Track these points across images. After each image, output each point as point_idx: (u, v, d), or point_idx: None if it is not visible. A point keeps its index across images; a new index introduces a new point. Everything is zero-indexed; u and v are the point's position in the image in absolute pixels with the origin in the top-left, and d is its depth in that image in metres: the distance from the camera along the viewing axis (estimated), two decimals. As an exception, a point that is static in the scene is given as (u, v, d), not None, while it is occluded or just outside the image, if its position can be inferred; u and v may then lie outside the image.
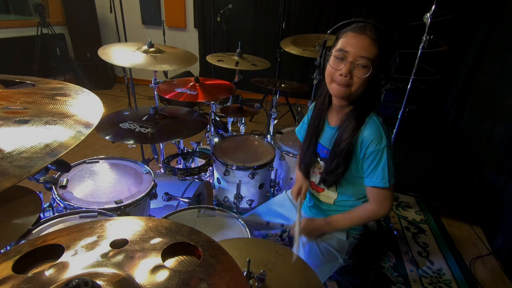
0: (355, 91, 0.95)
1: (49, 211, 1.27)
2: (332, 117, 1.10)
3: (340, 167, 1.04)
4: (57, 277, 0.49)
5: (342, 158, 1.03)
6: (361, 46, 0.91)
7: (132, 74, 2.48)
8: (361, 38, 0.91)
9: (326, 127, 1.12)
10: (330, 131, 1.10)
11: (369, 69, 0.91)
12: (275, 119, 2.48)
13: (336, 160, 1.04)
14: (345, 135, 1.01)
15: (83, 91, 0.71)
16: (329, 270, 1.17)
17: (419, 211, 2.35)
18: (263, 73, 2.35)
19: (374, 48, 0.90)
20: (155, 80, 1.97)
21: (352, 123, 1.00)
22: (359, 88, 0.94)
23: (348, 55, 0.92)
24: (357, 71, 0.92)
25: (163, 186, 1.57)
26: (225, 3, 3.61)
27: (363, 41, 0.90)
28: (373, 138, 0.97)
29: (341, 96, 0.98)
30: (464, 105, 2.86)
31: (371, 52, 0.90)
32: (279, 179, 2.06)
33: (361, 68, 0.91)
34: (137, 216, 0.87)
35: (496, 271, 1.85)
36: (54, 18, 4.26)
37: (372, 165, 0.99)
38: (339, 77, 0.94)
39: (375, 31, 0.91)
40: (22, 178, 0.42)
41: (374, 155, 0.98)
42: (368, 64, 0.90)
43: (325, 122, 1.12)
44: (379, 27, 0.91)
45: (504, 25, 2.47)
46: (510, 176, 1.95)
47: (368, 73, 0.91)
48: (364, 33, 0.91)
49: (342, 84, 0.95)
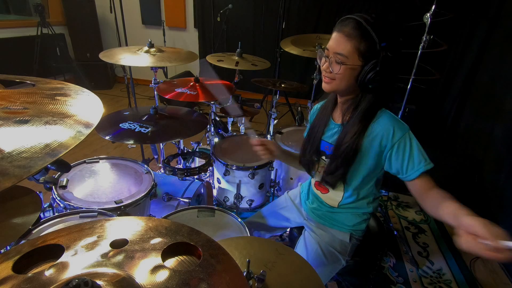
0: (338, 85, 0.98)
1: (49, 211, 1.27)
2: (337, 114, 1.11)
3: (340, 169, 1.04)
4: (57, 277, 0.49)
5: (341, 161, 1.02)
6: (336, 42, 0.94)
7: (132, 74, 2.48)
8: (338, 35, 0.94)
9: (331, 124, 1.11)
10: (333, 128, 1.10)
11: (344, 64, 0.93)
12: (275, 119, 2.48)
13: (335, 162, 1.04)
14: (347, 137, 1.00)
15: (83, 91, 0.71)
16: (331, 272, 1.16)
17: (419, 211, 2.35)
18: (263, 73, 2.35)
19: (348, 44, 0.91)
20: (155, 80, 1.97)
21: (356, 125, 0.99)
22: (341, 83, 0.96)
23: (328, 53, 0.96)
24: (333, 66, 0.95)
25: (163, 186, 1.57)
26: (225, 3, 3.61)
27: (338, 37, 0.93)
28: (393, 126, 0.96)
29: (326, 90, 1.02)
30: (464, 105, 2.86)
31: (345, 47, 0.92)
32: (279, 179, 2.06)
33: (336, 64, 0.94)
34: (137, 216, 0.87)
35: (496, 271, 1.85)
36: (54, 18, 4.26)
37: (407, 154, 0.95)
38: (324, 73, 0.99)
39: (353, 27, 0.91)
40: (22, 178, 0.42)
41: (403, 143, 0.95)
42: (343, 60, 0.92)
43: (330, 119, 1.12)
44: (358, 21, 0.91)
45: (504, 25, 2.47)
46: (510, 176, 1.95)
47: (342, 68, 0.93)
48: (341, 29, 0.93)
49: (325, 78, 1.00)
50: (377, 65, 0.90)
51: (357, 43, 0.90)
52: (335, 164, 1.05)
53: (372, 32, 0.89)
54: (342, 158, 1.02)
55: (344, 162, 1.02)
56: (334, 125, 1.10)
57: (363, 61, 0.92)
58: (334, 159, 1.05)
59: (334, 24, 0.98)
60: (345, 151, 1.00)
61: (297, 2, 3.76)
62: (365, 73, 0.92)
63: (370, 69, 0.91)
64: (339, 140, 1.03)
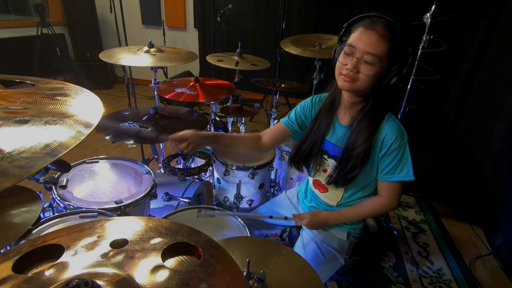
0: (361, 87, 0.93)
1: (49, 211, 1.27)
2: (343, 115, 1.07)
3: (356, 170, 1.02)
4: (57, 277, 0.49)
5: (359, 162, 1.00)
6: (368, 42, 0.88)
7: (132, 74, 2.48)
8: (369, 34, 0.88)
9: (337, 125, 1.08)
10: (341, 130, 1.07)
11: (375, 66, 0.88)
12: (275, 119, 2.48)
13: (352, 163, 1.02)
14: (359, 139, 0.98)
15: (83, 91, 0.71)
16: (330, 270, 1.16)
17: (419, 211, 2.35)
18: (263, 73, 2.35)
19: (382, 45, 0.87)
20: (155, 80, 1.97)
21: (368, 127, 0.98)
22: (365, 84, 0.92)
23: (356, 51, 0.90)
24: (363, 67, 0.90)
25: (163, 186, 1.57)
26: (225, 3, 3.61)
27: (371, 37, 0.88)
28: (396, 135, 0.96)
29: (346, 89, 0.96)
30: (464, 105, 2.86)
31: (379, 48, 0.87)
32: (279, 179, 2.06)
33: (366, 64, 0.89)
34: (137, 216, 0.87)
35: (496, 271, 1.85)
36: (54, 18, 4.26)
37: (395, 161, 0.98)
38: (346, 71, 0.92)
39: (386, 27, 0.87)
40: (22, 178, 0.42)
41: (397, 152, 0.97)
42: (375, 61, 0.88)
43: (335, 119, 1.09)
44: (391, 22, 0.87)
45: (504, 25, 2.47)
46: (510, 176, 1.95)
47: (373, 70, 0.89)
48: (373, 28, 0.88)
49: (348, 77, 0.92)
50: (403, 69, 0.89)
51: (390, 45, 0.87)
52: (351, 165, 1.02)
53: (406, 35, 0.87)
54: (356, 160, 1.00)
55: (360, 164, 1.01)
56: (340, 126, 1.08)
57: (390, 63, 0.90)
58: (347, 161, 1.03)
59: (334, 24, 0.97)
60: (360, 153, 0.98)
61: (297, 2, 3.75)
62: (391, 77, 0.90)
63: (396, 73, 0.90)
64: (350, 143, 1.01)
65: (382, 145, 0.98)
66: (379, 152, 0.99)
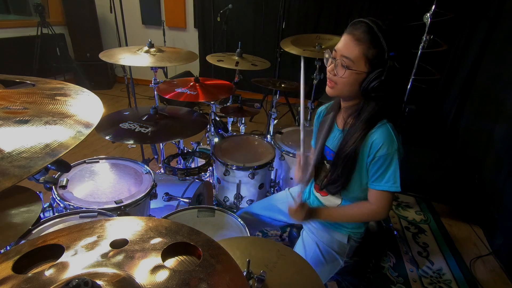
0: (340, 91, 0.95)
1: (49, 211, 1.27)
2: (340, 119, 1.09)
3: (341, 179, 1.02)
4: (57, 277, 0.49)
5: (341, 170, 1.01)
6: (344, 45, 0.91)
7: (132, 74, 2.48)
8: (347, 37, 0.90)
9: (334, 129, 1.10)
10: (336, 134, 1.08)
11: (350, 69, 0.89)
12: (275, 119, 2.48)
13: (337, 172, 1.03)
14: (347, 145, 0.99)
15: (83, 91, 0.70)
16: (330, 271, 1.16)
17: (419, 211, 2.35)
18: (263, 73, 2.34)
19: (356, 48, 0.88)
20: (155, 80, 1.96)
21: (358, 131, 0.97)
22: (343, 88, 0.94)
23: (335, 54, 0.93)
24: (338, 69, 0.92)
25: (163, 186, 1.57)
26: (225, 3, 3.60)
27: (348, 40, 0.90)
28: (383, 142, 0.94)
29: (329, 94, 0.99)
30: (464, 105, 2.85)
31: (353, 52, 0.88)
32: (279, 179, 2.06)
33: (342, 67, 0.91)
34: (137, 216, 0.87)
35: (496, 271, 1.85)
36: (54, 18, 4.26)
37: (382, 169, 0.96)
38: (328, 75, 0.96)
39: (364, 31, 0.87)
40: (22, 178, 0.42)
41: (383, 159, 0.95)
42: (349, 64, 0.89)
43: (334, 123, 1.10)
44: (370, 26, 0.87)
45: (504, 25, 2.47)
46: (510, 176, 1.95)
47: (348, 73, 0.90)
48: (351, 32, 0.89)
49: (329, 82, 0.96)
50: (382, 74, 0.88)
51: (365, 48, 0.88)
52: (337, 174, 1.03)
53: (382, 39, 0.86)
54: (342, 167, 1.00)
55: (344, 171, 1.01)
56: (336, 130, 1.09)
57: (369, 68, 0.89)
58: (335, 168, 1.04)
59: (334, 24, 0.98)
60: (344, 159, 0.99)
61: (297, 2, 3.75)
62: (369, 81, 0.89)
63: (375, 77, 0.89)
64: (340, 147, 1.02)
65: (370, 151, 0.96)
66: (367, 158, 0.98)
